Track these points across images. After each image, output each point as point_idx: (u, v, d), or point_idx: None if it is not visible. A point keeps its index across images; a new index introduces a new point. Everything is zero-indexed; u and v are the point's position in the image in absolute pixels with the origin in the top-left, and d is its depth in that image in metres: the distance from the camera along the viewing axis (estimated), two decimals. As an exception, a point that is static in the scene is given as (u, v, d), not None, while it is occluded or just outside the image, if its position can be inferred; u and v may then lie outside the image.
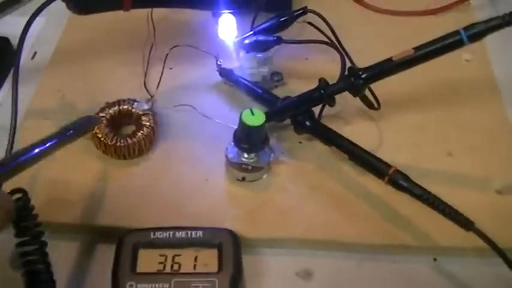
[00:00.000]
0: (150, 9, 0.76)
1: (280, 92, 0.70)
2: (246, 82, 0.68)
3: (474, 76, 0.75)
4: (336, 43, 0.65)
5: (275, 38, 0.64)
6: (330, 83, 0.62)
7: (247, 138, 0.59)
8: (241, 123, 0.58)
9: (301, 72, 0.74)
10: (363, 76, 0.58)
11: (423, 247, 0.58)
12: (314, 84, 0.63)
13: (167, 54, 0.69)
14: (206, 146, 0.66)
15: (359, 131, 0.68)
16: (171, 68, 0.74)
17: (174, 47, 0.69)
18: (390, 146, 0.66)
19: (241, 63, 0.69)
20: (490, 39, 0.55)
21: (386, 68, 0.58)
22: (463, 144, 0.67)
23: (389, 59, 0.58)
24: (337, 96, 0.62)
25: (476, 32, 0.54)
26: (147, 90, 0.70)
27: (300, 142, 0.66)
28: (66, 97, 0.70)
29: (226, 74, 0.71)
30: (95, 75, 0.74)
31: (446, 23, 0.82)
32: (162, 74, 0.69)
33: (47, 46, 0.78)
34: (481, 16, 0.83)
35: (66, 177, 0.63)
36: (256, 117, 0.58)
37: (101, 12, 0.60)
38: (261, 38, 0.65)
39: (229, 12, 0.65)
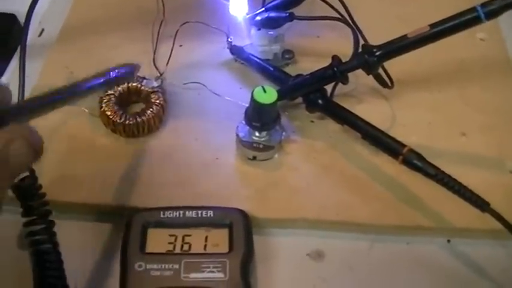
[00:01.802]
0: (159, -15, 0.75)
1: (291, 70, 0.69)
2: (257, 60, 0.67)
3: (488, 55, 0.74)
4: (349, 19, 0.63)
5: (287, 14, 0.63)
6: (343, 61, 0.60)
7: (259, 117, 0.58)
8: (253, 101, 0.57)
9: (312, 50, 0.73)
10: (377, 53, 0.57)
11: (437, 228, 0.57)
12: (326, 63, 0.61)
13: (177, 31, 0.68)
14: (216, 124, 0.65)
15: (371, 109, 0.66)
16: (180, 45, 0.72)
17: (183, 23, 0.67)
18: (403, 125, 0.65)
19: (252, 41, 0.68)
20: (505, 18, 0.54)
21: (401, 45, 0.57)
22: (477, 124, 0.66)
23: (405, 36, 0.56)
24: (349, 75, 0.61)
25: (494, 9, 0.52)
26: (156, 68, 0.69)
27: (312, 121, 0.65)
28: (74, 73, 0.69)
29: (237, 51, 0.69)
30: (103, 51, 0.73)
31: (459, 2, 0.81)
32: (171, 51, 0.68)
33: (55, 23, 0.77)
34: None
35: (74, 156, 0.62)
36: (268, 95, 0.57)
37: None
38: (272, 14, 0.63)
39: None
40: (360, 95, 0.68)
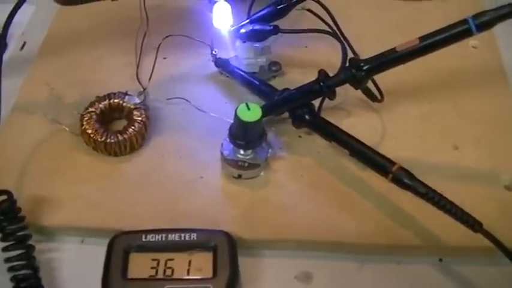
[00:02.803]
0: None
1: (278, 82, 0.68)
2: (242, 73, 0.65)
3: (481, 63, 0.72)
4: (337, 32, 0.61)
5: (272, 27, 0.61)
6: (332, 72, 0.58)
7: (243, 135, 0.56)
8: (237, 118, 0.55)
9: (300, 61, 0.71)
10: (365, 68, 0.55)
11: (428, 247, 0.56)
12: (314, 74, 0.59)
13: (159, 45, 0.66)
14: (201, 141, 0.63)
15: (361, 123, 0.65)
16: (164, 58, 0.71)
17: (167, 36, 0.65)
18: (393, 138, 0.64)
19: (237, 53, 0.66)
20: (498, 25, 0.52)
21: (390, 59, 0.55)
22: (470, 136, 0.64)
23: (393, 50, 0.54)
24: (338, 87, 0.59)
25: (486, 21, 0.50)
26: (140, 82, 0.67)
27: (300, 136, 0.63)
28: (55, 90, 0.67)
29: (222, 64, 0.67)
30: (85, 65, 0.71)
31: (453, 7, 0.79)
32: (154, 65, 0.66)
33: (37, 36, 0.75)
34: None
35: (55, 176, 0.60)
36: (252, 112, 0.55)
37: (88, 3, 0.57)
38: (257, 27, 0.61)
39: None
40: (349, 108, 0.66)
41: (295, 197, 0.59)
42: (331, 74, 0.67)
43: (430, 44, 0.53)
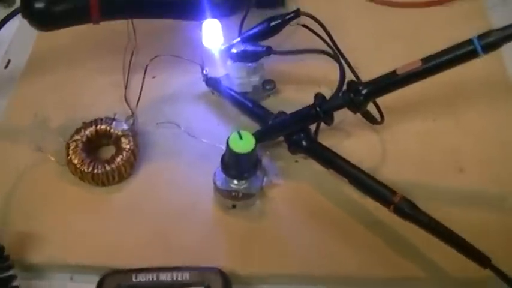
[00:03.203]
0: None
1: (273, 102, 0.65)
2: (234, 94, 0.62)
3: (486, 75, 0.68)
4: (334, 49, 0.58)
5: (264, 48, 0.57)
6: (330, 88, 0.55)
7: (236, 165, 0.53)
8: (229, 149, 0.52)
9: (296, 77, 0.67)
10: (364, 92, 0.52)
11: (431, 278, 0.53)
12: (310, 91, 0.57)
13: (147, 66, 0.63)
14: (193, 167, 0.60)
15: (360, 144, 0.62)
16: (154, 77, 0.67)
17: (155, 57, 0.62)
18: (395, 161, 0.61)
19: (228, 72, 0.63)
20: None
21: (390, 83, 0.52)
22: (476, 157, 0.61)
23: (394, 72, 0.51)
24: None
25: (492, 41, 0.47)
26: (128, 104, 0.64)
27: (296, 161, 0.60)
28: (40, 114, 0.64)
29: (213, 84, 0.64)
30: (71, 86, 0.68)
31: (453, 15, 0.76)
32: (142, 86, 0.63)
33: (21, 53, 0.72)
34: (491, 4, 0.77)
35: (40, 208, 0.57)
36: (245, 141, 0.52)
37: (67, 27, 0.53)
38: (249, 48, 0.58)
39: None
40: (348, 128, 0.63)
41: (292, 228, 0.56)
42: (329, 91, 0.64)
43: (432, 66, 0.50)
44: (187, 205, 0.57)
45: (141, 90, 0.63)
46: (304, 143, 0.56)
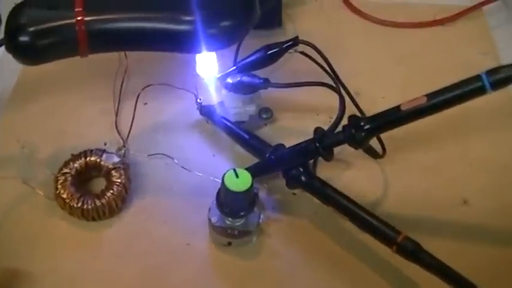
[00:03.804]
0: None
1: (270, 131, 0.63)
2: (230, 125, 0.59)
3: (491, 102, 0.65)
4: (335, 80, 0.56)
5: (262, 80, 0.55)
6: (328, 115, 0.53)
7: (233, 204, 0.51)
8: (224, 187, 0.49)
9: (294, 104, 0.65)
10: (366, 127, 0.50)
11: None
12: (309, 119, 0.55)
13: (139, 95, 0.60)
14: (186, 201, 0.58)
15: (361, 176, 0.60)
16: (145, 104, 0.65)
17: (146, 86, 0.60)
18: (397, 193, 0.59)
19: (223, 101, 0.60)
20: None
21: (394, 119, 0.49)
22: (480, 188, 0.59)
23: (398, 108, 0.49)
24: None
25: (502, 78, 0.45)
26: (119, 133, 0.62)
27: (294, 193, 0.58)
28: (26, 145, 0.61)
29: (207, 113, 0.62)
30: (59, 114, 0.65)
31: (456, 34, 0.74)
32: (133, 116, 0.60)
33: (8, 79, 0.68)
34: (495, 23, 0.75)
35: (27, 246, 0.54)
36: (241, 180, 0.50)
37: (54, 61, 0.51)
38: (245, 79, 0.55)
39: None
40: (348, 159, 0.61)
41: (290, 267, 0.54)
42: (328, 119, 0.62)
43: (438, 102, 0.48)
44: (180, 242, 0.55)
45: (132, 120, 0.61)
46: (303, 178, 0.54)
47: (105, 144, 0.61)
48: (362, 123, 0.50)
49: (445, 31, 0.74)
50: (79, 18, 0.49)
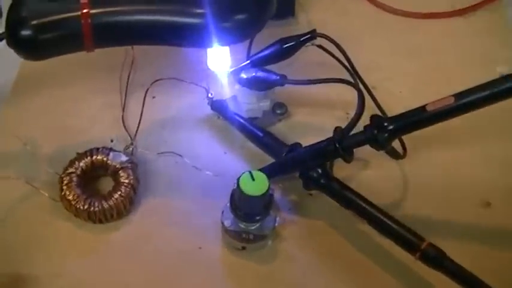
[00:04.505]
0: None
1: (285, 127, 0.60)
2: (243, 122, 0.57)
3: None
4: (355, 76, 0.53)
5: (278, 77, 0.52)
6: (344, 111, 0.50)
7: (248, 207, 0.49)
8: (240, 191, 0.47)
9: (308, 99, 0.62)
10: (390, 128, 0.47)
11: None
12: (325, 115, 0.54)
13: (147, 89, 0.57)
14: (197, 202, 0.55)
15: (379, 175, 0.58)
16: (153, 97, 0.62)
17: (155, 81, 0.57)
18: (416, 194, 0.57)
19: (236, 95, 0.58)
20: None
21: (419, 120, 0.47)
22: (503, 190, 0.57)
23: (423, 108, 0.46)
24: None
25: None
26: (126, 129, 0.59)
27: (310, 194, 0.56)
28: (29, 142, 0.58)
29: (218, 108, 0.59)
30: (62, 108, 0.62)
31: (475, 25, 0.72)
32: (142, 112, 0.58)
33: (8, 72, 0.65)
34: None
35: (31, 249, 0.52)
36: (257, 183, 0.47)
37: (58, 56, 0.48)
38: (261, 74, 0.53)
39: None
40: (366, 157, 0.58)
41: (306, 271, 0.52)
42: (344, 114, 0.60)
43: (466, 103, 0.45)
44: (191, 245, 0.53)
45: (140, 117, 0.58)
46: (321, 180, 0.52)
47: (111, 140, 0.59)
48: (385, 124, 0.47)
49: (463, 22, 0.71)
50: (84, 10, 0.46)
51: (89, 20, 0.46)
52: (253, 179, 0.47)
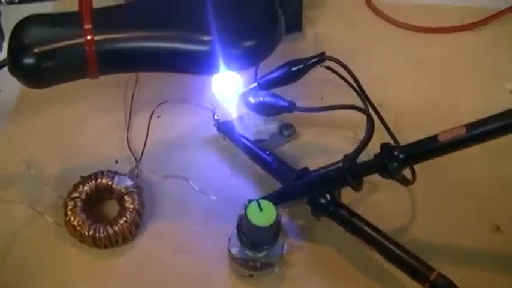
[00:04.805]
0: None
1: (292, 148, 0.59)
2: (250, 145, 0.56)
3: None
4: (364, 99, 0.52)
5: (287, 103, 0.51)
6: (353, 131, 0.49)
7: (255, 237, 0.48)
8: (247, 220, 0.46)
9: (317, 118, 0.61)
10: (401, 157, 0.46)
11: None
12: (333, 135, 0.53)
13: (153, 112, 0.56)
14: (204, 226, 0.54)
15: (388, 198, 0.57)
16: (159, 117, 0.61)
17: (161, 103, 0.56)
18: (425, 218, 0.56)
19: (243, 118, 0.57)
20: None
21: (430, 149, 0.46)
22: (513, 213, 0.56)
23: (435, 138, 0.45)
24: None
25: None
26: (131, 150, 0.58)
27: (318, 219, 0.55)
28: (32, 166, 0.57)
29: (225, 130, 0.58)
30: (66, 127, 0.62)
31: (486, 40, 0.70)
32: (147, 135, 0.57)
33: (10, 90, 0.64)
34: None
35: (35, 275, 0.52)
36: (265, 213, 0.46)
37: (62, 83, 0.47)
38: (269, 100, 0.52)
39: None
40: (375, 180, 0.56)
41: (315, 299, 0.51)
42: (353, 135, 0.59)
43: (478, 134, 0.44)
44: (198, 271, 0.52)
45: (146, 138, 0.57)
46: (329, 207, 0.51)
47: (116, 162, 0.58)
48: (396, 153, 0.46)
49: (473, 36, 0.70)
50: (88, 37, 0.45)
51: (93, 46, 0.45)
52: (261, 209, 0.46)
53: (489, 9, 0.71)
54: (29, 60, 0.44)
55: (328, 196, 0.51)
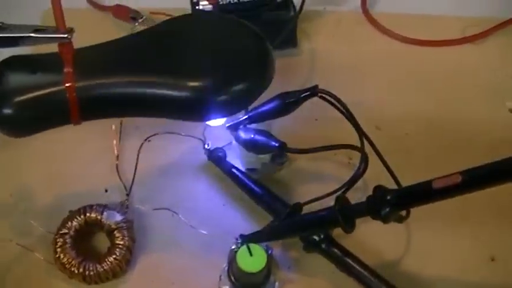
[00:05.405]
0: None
1: (285, 174, 0.58)
2: (242, 177, 0.54)
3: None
4: (361, 135, 0.51)
5: (277, 144, 0.50)
6: (347, 156, 0.52)
7: (246, 282, 0.47)
8: (237, 266, 0.46)
9: (310, 140, 0.59)
10: (393, 202, 0.45)
11: None
12: (327, 160, 0.53)
13: (142, 144, 0.55)
14: (196, 260, 0.54)
15: (382, 231, 0.54)
16: (149, 141, 0.59)
17: (150, 136, 0.55)
18: (420, 250, 0.55)
19: (234, 150, 0.55)
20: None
21: (423, 195, 0.44)
22: (509, 244, 0.55)
23: (429, 184, 0.44)
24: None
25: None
26: (121, 179, 0.57)
27: (310, 251, 0.54)
28: (20, 200, 0.56)
29: (216, 160, 0.56)
30: (54, 154, 0.60)
31: (487, 52, 0.68)
32: (136, 167, 0.56)
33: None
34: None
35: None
36: (256, 258, 0.46)
37: (44, 131, 0.45)
38: (259, 139, 0.50)
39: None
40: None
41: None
42: (347, 159, 0.58)
43: (474, 182, 0.43)
44: (190, 309, 0.52)
45: (135, 169, 0.56)
46: (322, 245, 0.50)
47: (106, 190, 0.57)
48: (388, 197, 0.45)
49: (474, 49, 0.68)
50: (68, 84, 0.43)
51: (74, 93, 0.43)
52: (251, 254, 0.46)
53: (492, 20, 0.68)
54: (8, 111, 0.43)
55: (320, 235, 0.50)
